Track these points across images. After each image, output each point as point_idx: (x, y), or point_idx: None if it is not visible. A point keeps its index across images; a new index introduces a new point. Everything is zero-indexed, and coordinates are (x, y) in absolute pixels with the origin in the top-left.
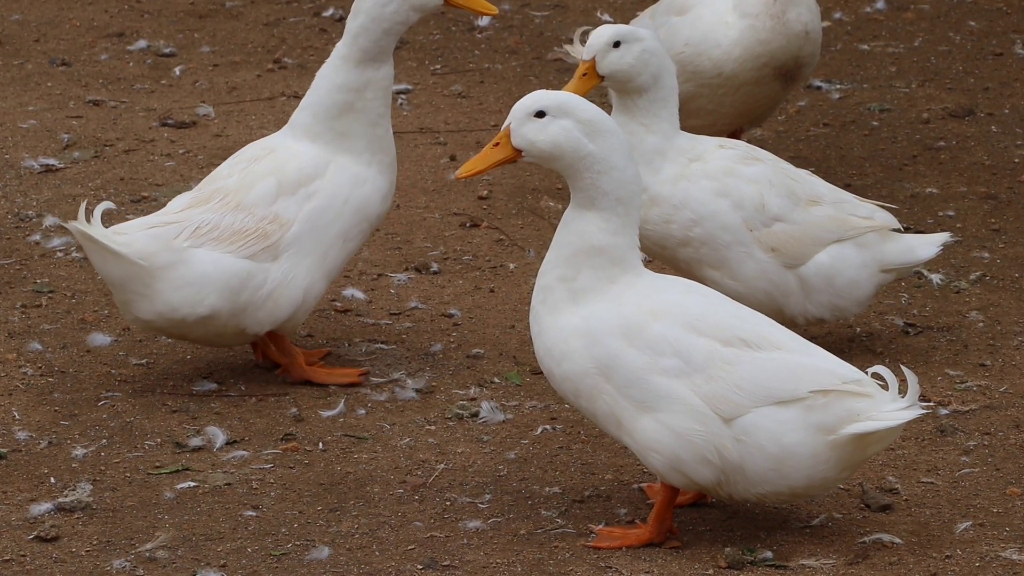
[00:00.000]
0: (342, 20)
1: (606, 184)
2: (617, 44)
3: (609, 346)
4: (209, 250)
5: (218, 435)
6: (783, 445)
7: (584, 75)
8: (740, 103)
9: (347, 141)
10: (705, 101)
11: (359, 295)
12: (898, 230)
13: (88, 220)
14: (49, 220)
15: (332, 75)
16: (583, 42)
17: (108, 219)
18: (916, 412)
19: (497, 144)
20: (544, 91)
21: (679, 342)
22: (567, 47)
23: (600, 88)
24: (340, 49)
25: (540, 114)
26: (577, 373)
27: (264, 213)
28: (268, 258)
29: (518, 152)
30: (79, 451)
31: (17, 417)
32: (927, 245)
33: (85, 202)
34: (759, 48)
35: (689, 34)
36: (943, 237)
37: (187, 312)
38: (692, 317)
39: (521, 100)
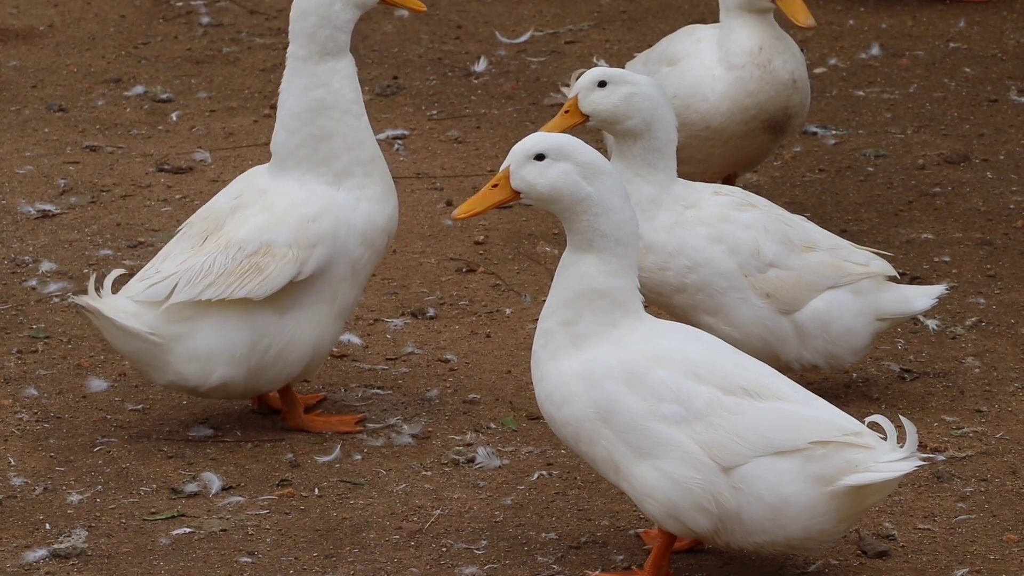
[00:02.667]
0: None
1: (604, 226)
2: (603, 84)
3: (610, 391)
4: (212, 316)
5: (214, 481)
6: (781, 495)
7: (566, 112)
8: (729, 154)
9: (327, 145)
10: (695, 151)
11: (355, 340)
12: (894, 278)
13: (98, 292)
14: (46, 266)
15: (295, 79)
16: None
17: (106, 265)
18: (914, 463)
19: (496, 185)
20: (543, 133)
21: (680, 389)
22: (563, 89)
23: (597, 135)
24: (296, 52)
25: (539, 157)
26: (578, 418)
27: (255, 247)
28: (272, 311)
29: (516, 194)
30: (74, 497)
31: (12, 463)
32: (923, 296)
33: (94, 275)
34: (747, 100)
35: (678, 86)
36: (939, 289)
37: (198, 383)
38: (694, 364)
39: (520, 142)
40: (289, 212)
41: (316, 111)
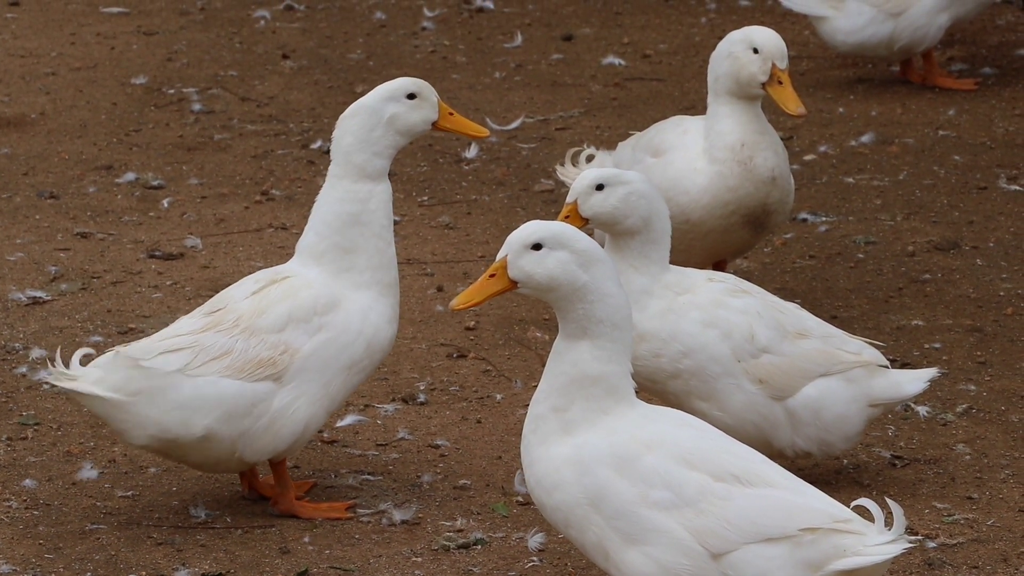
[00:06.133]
0: (330, 152)
1: (599, 312)
2: (600, 187)
3: (600, 476)
4: (216, 376)
5: (204, 568)
6: None
7: (567, 217)
8: (710, 246)
9: (352, 257)
10: (676, 241)
11: (349, 424)
12: (885, 367)
13: (67, 365)
14: (36, 352)
15: (331, 192)
16: (574, 163)
17: (98, 352)
18: (902, 546)
19: (493, 275)
20: (539, 222)
21: (671, 475)
22: (557, 167)
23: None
24: (334, 170)
25: (536, 246)
26: (568, 504)
27: (275, 341)
28: (271, 386)
29: (514, 283)
30: None
31: (1, 551)
32: (914, 380)
33: (60, 349)
34: (727, 195)
35: (660, 179)
36: (930, 372)
37: (180, 433)
38: (685, 450)
39: (516, 231)
40: (313, 305)
41: (348, 224)
